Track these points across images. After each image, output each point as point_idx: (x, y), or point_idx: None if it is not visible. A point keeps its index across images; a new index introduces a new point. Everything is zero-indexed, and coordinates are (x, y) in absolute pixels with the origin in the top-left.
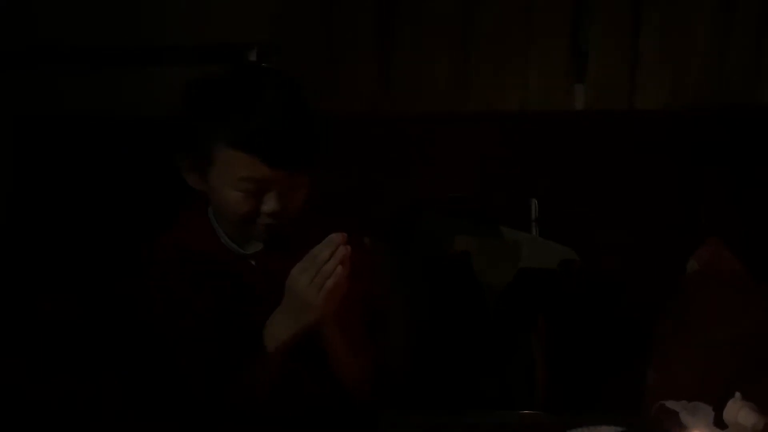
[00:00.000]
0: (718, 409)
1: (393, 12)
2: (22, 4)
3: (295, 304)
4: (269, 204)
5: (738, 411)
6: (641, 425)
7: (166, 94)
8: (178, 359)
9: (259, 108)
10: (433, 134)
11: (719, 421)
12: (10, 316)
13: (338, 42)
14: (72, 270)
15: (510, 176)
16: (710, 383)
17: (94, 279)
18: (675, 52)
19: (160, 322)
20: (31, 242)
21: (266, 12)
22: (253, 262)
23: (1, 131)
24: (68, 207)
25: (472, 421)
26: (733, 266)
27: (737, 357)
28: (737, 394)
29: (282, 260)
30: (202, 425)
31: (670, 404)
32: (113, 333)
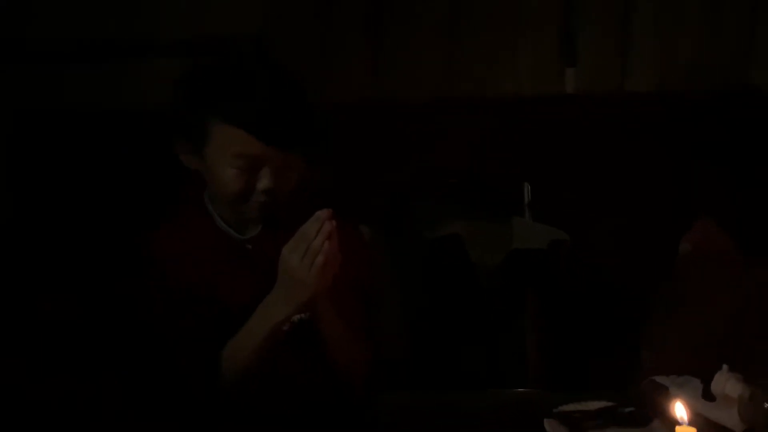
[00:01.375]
0: (708, 382)
1: (383, 0)
2: None
3: (288, 283)
4: (263, 181)
5: (725, 383)
6: (630, 400)
7: (162, 86)
8: (176, 354)
9: (254, 86)
10: (425, 121)
11: (709, 395)
12: (10, 316)
13: (330, 32)
14: (72, 268)
15: (502, 161)
16: (702, 360)
17: (94, 278)
18: (666, 35)
19: (159, 312)
20: (31, 237)
21: (259, 4)
22: (249, 246)
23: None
24: (68, 201)
25: (465, 401)
26: (724, 245)
27: (728, 333)
28: (724, 366)
29: (278, 244)
30: (202, 425)
31: (660, 379)
32: (113, 333)
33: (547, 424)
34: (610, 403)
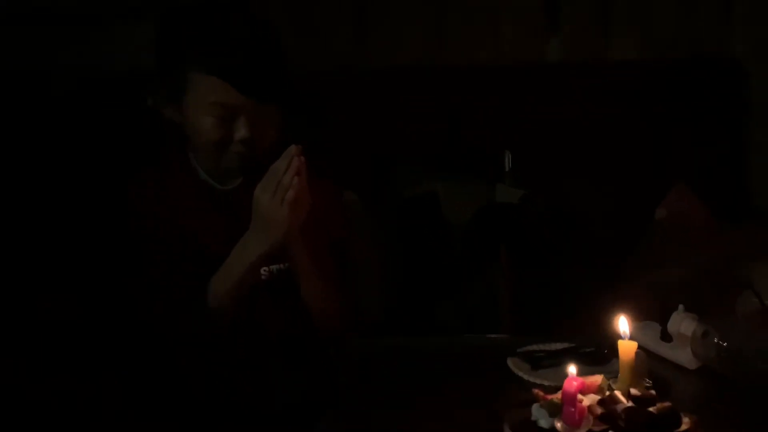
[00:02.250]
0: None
1: None
2: None
3: (262, 222)
4: (240, 131)
5: (681, 322)
6: (591, 342)
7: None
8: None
9: (233, 36)
10: (408, 87)
11: (667, 336)
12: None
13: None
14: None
15: (484, 128)
16: (667, 310)
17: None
18: (647, 3)
19: (143, 259)
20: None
21: None
22: (230, 198)
23: None
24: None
25: (436, 345)
26: (698, 210)
27: (695, 288)
28: (680, 306)
29: None
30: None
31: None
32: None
33: (510, 361)
34: (571, 344)
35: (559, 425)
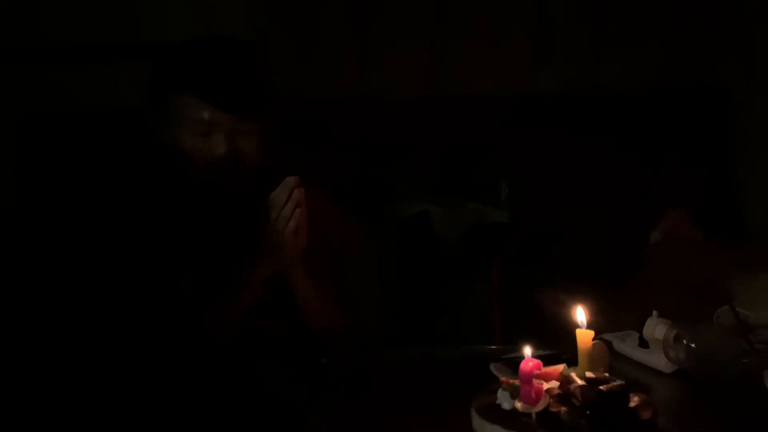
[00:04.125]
0: None
1: (366, 2)
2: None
3: (264, 247)
4: (218, 146)
5: (655, 327)
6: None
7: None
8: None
9: (203, 56)
10: (407, 119)
11: (644, 343)
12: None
13: (313, 32)
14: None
15: (480, 158)
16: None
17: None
18: (637, 34)
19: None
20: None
21: (248, 6)
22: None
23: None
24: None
25: (432, 354)
26: (692, 234)
27: (682, 303)
28: (654, 312)
29: None
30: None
31: (605, 335)
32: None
33: (493, 367)
34: (551, 351)
35: (518, 405)
